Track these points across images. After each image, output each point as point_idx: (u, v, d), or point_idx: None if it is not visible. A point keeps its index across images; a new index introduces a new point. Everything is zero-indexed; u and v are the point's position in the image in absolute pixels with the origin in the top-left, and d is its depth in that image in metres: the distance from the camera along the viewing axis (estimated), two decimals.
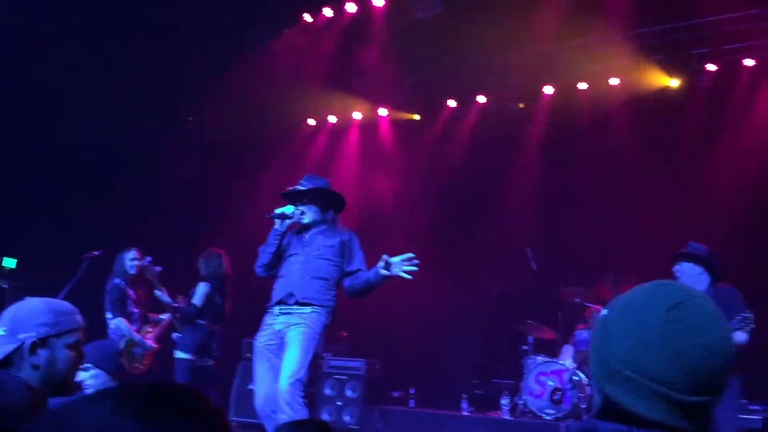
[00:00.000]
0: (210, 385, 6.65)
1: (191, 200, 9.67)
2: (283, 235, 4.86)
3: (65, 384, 2.33)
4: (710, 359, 1.23)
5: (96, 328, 6.44)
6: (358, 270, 4.80)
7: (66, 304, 2.39)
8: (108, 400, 0.85)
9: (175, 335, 6.67)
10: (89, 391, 3.27)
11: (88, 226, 8.21)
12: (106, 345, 3.65)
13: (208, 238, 8.88)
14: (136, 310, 6.48)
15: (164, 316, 6.70)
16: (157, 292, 6.52)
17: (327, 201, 4.97)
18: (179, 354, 6.43)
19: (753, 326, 4.92)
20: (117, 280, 6.40)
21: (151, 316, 6.73)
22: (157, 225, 9.44)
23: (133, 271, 6.46)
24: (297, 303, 4.60)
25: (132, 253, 6.49)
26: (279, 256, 4.89)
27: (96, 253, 6.25)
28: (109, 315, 6.35)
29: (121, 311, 6.34)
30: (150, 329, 6.59)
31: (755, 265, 7.13)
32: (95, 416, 0.83)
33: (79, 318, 2.38)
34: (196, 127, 9.88)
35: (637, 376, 1.24)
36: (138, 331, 6.45)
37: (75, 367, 2.36)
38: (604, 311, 1.36)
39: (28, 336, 2.24)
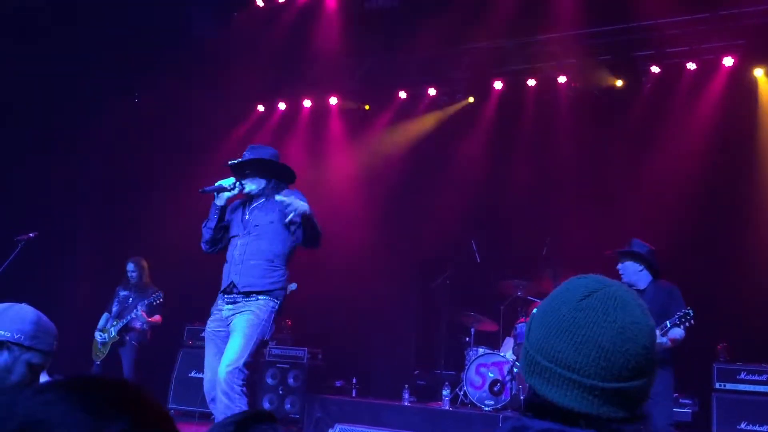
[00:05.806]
0: None
1: (134, 179, 9.44)
2: (222, 209, 4.57)
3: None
4: (623, 344, 1.22)
5: None
6: None
7: (52, 327, 2.39)
8: (52, 391, 0.85)
9: None
10: None
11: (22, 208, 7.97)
12: None
13: (154, 224, 8.72)
14: (114, 308, 7.40)
15: (138, 324, 7.15)
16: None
17: (270, 172, 4.61)
18: None
19: (693, 322, 5.04)
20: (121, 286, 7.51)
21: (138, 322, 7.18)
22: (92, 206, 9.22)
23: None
24: (240, 292, 4.38)
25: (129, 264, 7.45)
26: (224, 230, 4.62)
27: (31, 235, 6.07)
28: None
29: (108, 308, 7.43)
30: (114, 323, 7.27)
31: (694, 260, 7.33)
32: (35, 403, 0.83)
33: (54, 344, 2.38)
34: (142, 108, 9.63)
35: (550, 364, 1.24)
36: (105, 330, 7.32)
37: (23, 385, 2.32)
38: (535, 310, 1.36)
39: (2, 334, 2.27)
